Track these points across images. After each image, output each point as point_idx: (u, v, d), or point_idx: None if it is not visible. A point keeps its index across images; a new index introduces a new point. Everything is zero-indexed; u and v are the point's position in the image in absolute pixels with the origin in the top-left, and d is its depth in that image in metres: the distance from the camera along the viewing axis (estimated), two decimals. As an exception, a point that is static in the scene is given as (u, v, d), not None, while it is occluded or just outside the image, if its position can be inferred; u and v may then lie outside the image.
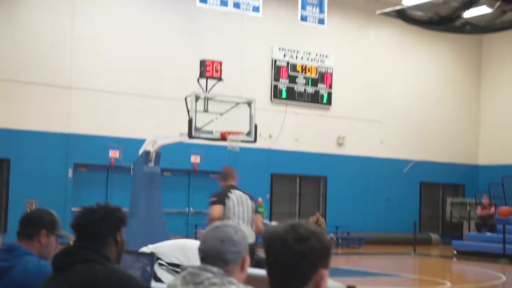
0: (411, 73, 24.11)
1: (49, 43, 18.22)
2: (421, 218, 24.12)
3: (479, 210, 19.56)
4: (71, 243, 2.64)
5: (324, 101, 22.25)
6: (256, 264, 4.75)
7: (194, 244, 4.24)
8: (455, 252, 18.32)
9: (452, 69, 24.89)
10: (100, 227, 2.58)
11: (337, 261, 16.08)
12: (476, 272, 13.26)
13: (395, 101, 23.63)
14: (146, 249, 2.83)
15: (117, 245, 2.64)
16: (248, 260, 2.24)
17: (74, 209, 17.99)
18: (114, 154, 18.79)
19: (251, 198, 7.34)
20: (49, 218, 3.06)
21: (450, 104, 24.79)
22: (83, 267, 2.49)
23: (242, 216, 7.20)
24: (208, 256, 2.19)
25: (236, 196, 7.24)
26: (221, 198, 7.21)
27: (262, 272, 2.42)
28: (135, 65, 19.22)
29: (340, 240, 21.73)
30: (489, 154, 24.54)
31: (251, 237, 2.15)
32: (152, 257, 3.31)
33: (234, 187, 7.36)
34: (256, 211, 7.33)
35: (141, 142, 16.83)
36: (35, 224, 3.01)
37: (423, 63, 24.36)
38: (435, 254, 19.46)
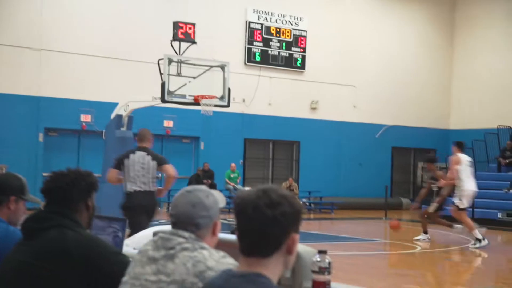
0: (386, 38, 24.14)
1: (17, 2, 17.75)
2: (393, 183, 24.47)
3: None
4: (42, 208, 2.62)
5: (298, 64, 22.22)
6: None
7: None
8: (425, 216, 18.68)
9: (426, 34, 24.99)
10: (70, 192, 2.56)
11: (309, 226, 16.29)
12: (445, 236, 13.57)
13: (369, 65, 23.69)
14: (126, 247, 2.78)
15: (88, 210, 2.62)
16: (219, 225, 2.24)
17: (44, 174, 17.82)
18: (85, 118, 18.59)
19: (154, 158, 7.52)
20: (17, 183, 3.02)
21: (424, 69, 24.96)
22: (53, 232, 2.48)
23: (139, 178, 7.49)
24: (179, 220, 2.18)
25: (137, 158, 7.47)
26: (119, 160, 7.56)
27: (232, 237, 2.43)
28: (107, 27, 18.87)
29: (312, 205, 21.97)
30: (460, 119, 24.88)
31: (222, 202, 2.15)
32: (124, 222, 3.30)
33: (144, 149, 7.55)
34: (161, 166, 7.55)
35: (113, 105, 16.66)
36: (3, 190, 2.97)
37: (398, 28, 24.39)
38: (405, 219, 19.83)
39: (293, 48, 22.11)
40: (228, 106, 15.33)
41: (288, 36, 21.98)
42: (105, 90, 18.72)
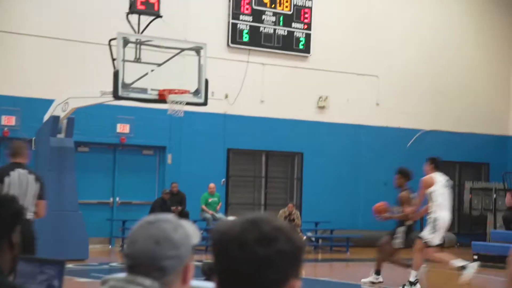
0: (423, 12, 24.29)
1: None
2: (431, 208, 24.52)
3: (508, 199, 19.93)
4: None
5: (301, 46, 22.29)
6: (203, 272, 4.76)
7: None
8: (475, 257, 18.72)
9: (481, 13, 25.13)
10: None
11: (316, 269, 16.27)
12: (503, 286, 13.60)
13: (397, 48, 23.81)
14: None
15: (12, 250, 2.61)
16: (192, 268, 2.24)
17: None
18: (8, 120, 18.55)
19: (38, 179, 8.54)
20: None
21: (474, 58, 25.11)
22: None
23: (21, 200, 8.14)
24: (138, 263, 2.17)
25: (18, 175, 8.36)
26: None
27: (209, 285, 2.41)
28: (37, -5, 18.87)
29: (320, 241, 21.95)
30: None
31: (195, 236, 2.15)
32: (61, 266, 3.28)
33: (20, 165, 8.45)
34: (40, 197, 8.49)
35: (46, 103, 16.61)
36: None
37: (441, 2, 24.53)
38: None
39: (293, 24, 22.19)
40: (205, 104, 15.33)
41: (287, 7, 22.07)
42: (35, 82, 18.68)
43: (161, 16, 15.14)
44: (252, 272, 1.81)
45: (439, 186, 12.41)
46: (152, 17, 15.18)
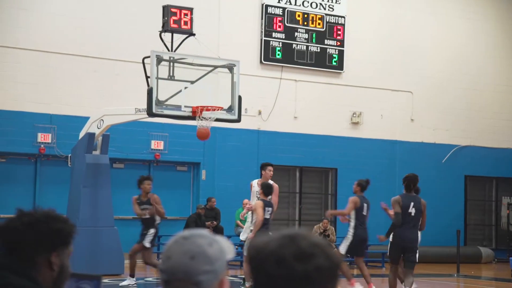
0: (454, 26, 24.17)
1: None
2: (467, 226, 24.29)
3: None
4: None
5: (334, 63, 22.29)
6: None
7: None
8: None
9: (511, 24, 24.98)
10: (23, 237, 2.57)
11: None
12: None
13: (430, 63, 23.70)
14: None
15: (51, 270, 2.62)
16: (227, 283, 2.25)
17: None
18: (44, 138, 18.74)
19: None
20: None
21: (508, 69, 24.89)
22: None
23: None
24: (174, 278, 2.19)
25: None
26: None
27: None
28: (73, 14, 19.10)
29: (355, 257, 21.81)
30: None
31: (230, 252, 2.15)
32: (98, 281, 3.32)
33: None
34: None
35: (82, 121, 16.78)
36: None
37: (471, 14, 24.40)
38: (487, 277, 19.63)
39: (326, 41, 22.20)
40: (238, 120, 15.38)
41: (319, 24, 22.09)
42: (70, 99, 18.89)
43: (194, 34, 15.24)
44: None
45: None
46: (185, 35, 15.29)
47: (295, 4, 21.79)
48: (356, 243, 13.86)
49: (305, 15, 21.90)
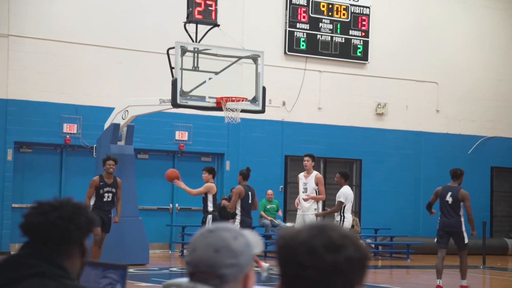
0: (481, 15, 23.98)
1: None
2: (493, 217, 24.15)
3: None
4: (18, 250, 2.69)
5: (358, 54, 22.21)
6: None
7: None
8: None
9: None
10: (66, 231, 2.62)
11: (376, 277, 16.17)
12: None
13: (456, 54, 23.54)
14: None
15: (83, 256, 2.68)
16: (253, 276, 2.26)
17: (15, 205, 18.14)
18: (70, 128, 18.87)
19: None
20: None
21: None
22: (31, 284, 2.54)
23: None
24: (198, 270, 2.21)
25: None
26: None
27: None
28: (98, 5, 19.18)
29: (380, 248, 21.80)
30: None
31: (257, 245, 2.15)
32: (124, 271, 3.36)
33: None
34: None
35: (107, 112, 16.88)
36: None
37: (498, 4, 24.17)
38: None
39: (351, 32, 22.12)
40: (262, 111, 15.39)
41: (344, 15, 22.01)
42: (95, 90, 19.00)
43: (218, 25, 15.26)
44: (319, 279, 1.82)
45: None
46: (210, 26, 15.31)
47: (320, -5, 21.72)
48: None
49: (330, 6, 21.83)
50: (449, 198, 13.42)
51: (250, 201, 13.99)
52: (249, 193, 13.95)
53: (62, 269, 2.59)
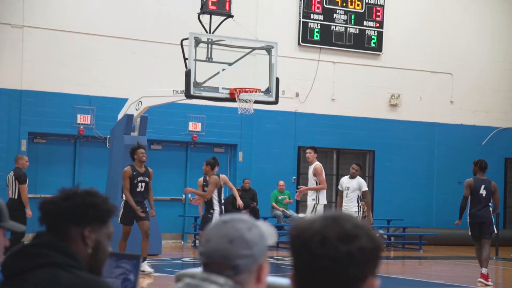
0: (495, 6, 23.83)
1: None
2: (507, 208, 24.08)
3: None
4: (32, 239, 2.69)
5: (372, 45, 22.15)
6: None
7: None
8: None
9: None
10: (61, 211, 2.62)
11: (388, 267, 16.17)
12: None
13: (471, 45, 23.44)
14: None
15: (85, 244, 2.65)
16: (266, 267, 2.26)
17: (29, 195, 18.17)
18: (83, 119, 18.93)
19: None
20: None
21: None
22: (43, 273, 2.54)
23: None
24: (212, 261, 2.21)
25: None
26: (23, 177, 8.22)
27: (285, 282, 2.44)
28: (111, -4, 19.20)
29: (392, 239, 21.78)
30: None
31: (271, 236, 2.15)
32: (137, 260, 3.36)
33: None
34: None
35: (120, 102, 16.91)
36: None
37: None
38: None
39: (365, 23, 22.05)
40: (276, 102, 15.39)
41: (358, 5, 21.94)
42: (109, 81, 19.04)
43: (232, 16, 15.25)
44: (333, 269, 1.83)
45: None
46: (223, 17, 15.29)
47: (334, -15, 21.66)
48: None
49: (344, -4, 21.75)
50: (483, 191, 13.43)
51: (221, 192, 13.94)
52: (221, 183, 13.84)
53: (74, 258, 2.59)
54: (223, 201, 14.09)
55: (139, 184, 13.37)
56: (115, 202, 8.55)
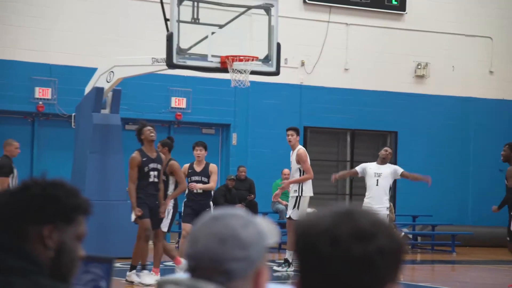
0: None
1: None
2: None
3: None
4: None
5: (394, 2, 22.14)
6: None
7: None
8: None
9: None
10: (15, 206, 2.63)
11: (414, 273, 16.23)
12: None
13: (516, 3, 23.46)
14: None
15: (44, 245, 2.67)
16: (265, 272, 2.27)
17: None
18: (43, 93, 18.93)
19: None
20: None
21: None
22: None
23: None
24: (201, 264, 2.23)
25: None
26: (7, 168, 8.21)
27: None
28: None
29: (419, 239, 21.84)
30: None
31: (272, 235, 2.14)
32: (110, 264, 3.39)
33: None
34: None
35: (88, 73, 16.90)
36: None
37: None
38: None
39: (386, -25, 22.07)
40: (277, 73, 15.39)
41: (377, -46, 21.94)
42: (73, 47, 19.02)
43: (224, -33, 15.23)
44: (344, 273, 1.84)
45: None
46: (213, -32, 15.28)
47: None
48: None
49: None
50: None
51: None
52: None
53: (33, 263, 2.60)
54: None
55: (151, 172, 12.65)
56: (85, 195, 8.54)
